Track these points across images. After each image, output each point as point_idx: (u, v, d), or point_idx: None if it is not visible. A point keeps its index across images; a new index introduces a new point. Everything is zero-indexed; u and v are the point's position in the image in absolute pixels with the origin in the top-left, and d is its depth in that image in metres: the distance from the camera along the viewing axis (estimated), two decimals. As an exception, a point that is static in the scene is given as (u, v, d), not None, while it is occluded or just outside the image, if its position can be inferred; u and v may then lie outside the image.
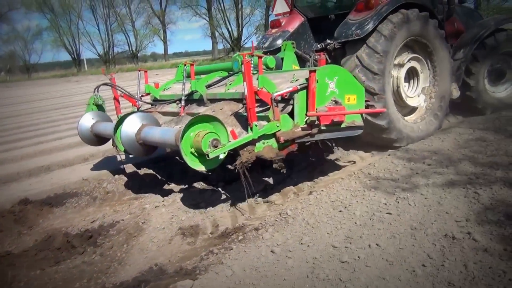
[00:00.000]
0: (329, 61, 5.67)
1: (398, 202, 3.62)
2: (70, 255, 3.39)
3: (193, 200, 4.30)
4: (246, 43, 48.20)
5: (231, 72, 4.95)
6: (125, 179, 5.27)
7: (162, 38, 56.82)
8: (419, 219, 3.28)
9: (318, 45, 6.13)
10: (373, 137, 5.48)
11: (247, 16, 49.16)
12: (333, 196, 3.93)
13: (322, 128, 4.03)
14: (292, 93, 3.89)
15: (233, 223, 3.78)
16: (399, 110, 5.75)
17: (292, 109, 3.93)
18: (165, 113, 5.04)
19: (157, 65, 46.62)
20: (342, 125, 4.19)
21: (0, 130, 10.58)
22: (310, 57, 5.94)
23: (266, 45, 6.61)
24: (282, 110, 3.97)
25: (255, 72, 4.09)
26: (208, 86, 4.94)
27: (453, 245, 2.85)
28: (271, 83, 3.94)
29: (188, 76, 5.11)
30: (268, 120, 3.84)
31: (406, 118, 5.94)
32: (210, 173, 5.07)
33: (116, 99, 5.50)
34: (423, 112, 6.13)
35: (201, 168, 3.62)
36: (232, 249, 3.12)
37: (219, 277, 2.73)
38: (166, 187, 5.02)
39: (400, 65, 5.70)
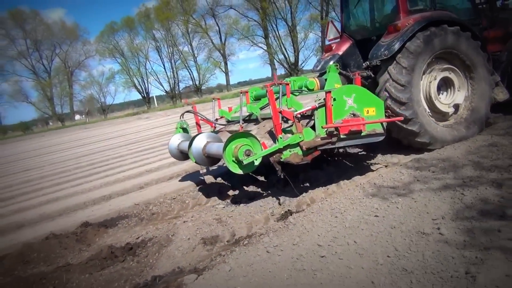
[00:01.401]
0: (369, 80, 6.50)
1: (388, 206, 4.06)
2: (113, 263, 4.19)
3: (217, 215, 4.98)
4: (303, 66, 49.14)
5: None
6: (168, 202, 6.09)
7: (224, 70, 59.40)
8: (400, 219, 3.71)
9: (364, 65, 6.77)
10: (409, 141, 6.14)
11: (302, 41, 50.22)
12: (334, 205, 4.43)
13: (342, 137, 4.88)
14: (313, 110, 4.84)
15: (248, 232, 4.39)
16: (434, 116, 6.28)
17: (314, 123, 4.86)
18: (231, 132, 5.99)
19: (220, 95, 48.63)
20: (363, 134, 5.00)
21: (75, 167, 12.00)
22: (352, 75, 6.57)
23: (318, 68, 7.49)
24: (306, 124, 4.94)
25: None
26: (262, 108, 5.90)
27: (420, 239, 3.28)
28: (298, 104, 5.03)
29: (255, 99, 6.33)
30: (293, 133, 4.77)
31: (443, 123, 6.39)
32: (237, 192, 5.79)
33: (197, 123, 6.84)
34: (461, 117, 6.47)
35: (239, 171, 4.62)
36: (235, 251, 3.74)
37: (219, 272, 3.36)
38: (198, 208, 5.71)
39: (432, 76, 6.20)
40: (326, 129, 4.80)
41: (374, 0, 7.54)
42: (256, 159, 4.56)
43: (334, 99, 4.81)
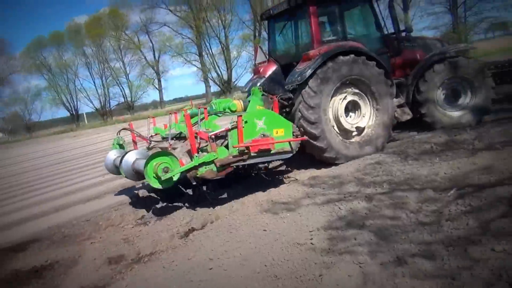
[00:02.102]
0: (290, 101, 7.22)
1: (277, 221, 4.58)
2: (18, 286, 4.34)
3: (125, 235, 5.26)
4: (236, 83, 50.08)
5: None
6: (82, 224, 6.25)
7: (157, 87, 58.84)
8: (284, 232, 4.23)
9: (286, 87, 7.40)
10: (319, 156, 6.83)
11: (234, 59, 51.19)
12: (232, 221, 4.89)
13: (253, 154, 5.52)
14: (227, 132, 5.51)
15: (152, 250, 4.71)
16: (342, 134, 7.05)
17: (228, 143, 5.48)
18: (162, 148, 6.23)
19: (153, 112, 48.19)
20: (272, 152, 5.67)
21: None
22: (271, 98, 7.12)
23: (246, 89, 8.13)
24: (221, 144, 5.59)
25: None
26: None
27: (295, 249, 3.80)
28: (215, 125, 5.82)
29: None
30: (208, 152, 5.34)
31: (350, 140, 7.16)
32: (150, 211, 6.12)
33: (133, 140, 7.18)
34: (367, 135, 7.25)
35: (159, 186, 5.13)
36: (135, 268, 4.08)
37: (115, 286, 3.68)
38: (110, 229, 5.93)
39: (340, 99, 6.97)
40: (237, 148, 5.41)
41: (294, 29, 8.33)
42: (174, 175, 5.11)
43: (246, 122, 5.48)
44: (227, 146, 5.53)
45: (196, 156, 5.25)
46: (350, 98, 7.07)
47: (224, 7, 49.53)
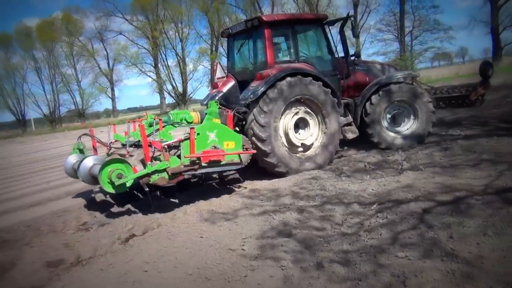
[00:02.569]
0: (245, 115, 7.52)
1: (214, 229, 4.86)
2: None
3: (66, 241, 5.35)
4: (191, 96, 50.17)
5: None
6: (23, 229, 6.24)
7: (110, 96, 57.79)
8: (219, 239, 4.51)
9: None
10: (270, 170, 7.32)
11: (190, 73, 51.29)
12: (172, 229, 5.11)
13: (203, 165, 5.86)
14: (180, 142, 5.88)
15: (91, 255, 4.84)
16: (292, 149, 7.56)
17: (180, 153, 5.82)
18: (121, 155, 6.46)
19: (105, 122, 47.23)
20: (222, 163, 6.05)
21: None
22: (226, 112, 7.50)
23: (205, 102, 8.47)
24: (175, 153, 5.93)
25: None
26: (148, 135, 6.53)
27: (227, 254, 4.09)
28: (169, 136, 6.41)
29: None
30: (161, 160, 5.65)
31: (301, 154, 7.66)
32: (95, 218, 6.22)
33: (93, 146, 7.39)
34: (315, 150, 7.76)
35: (112, 191, 5.48)
36: (72, 270, 4.22)
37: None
38: (52, 234, 5.97)
39: (291, 116, 7.50)
40: (189, 158, 5.76)
41: (250, 49, 8.80)
42: (127, 181, 5.45)
43: (198, 134, 5.85)
44: (179, 156, 5.85)
45: (149, 164, 5.57)
46: (299, 115, 7.59)
47: (182, 20, 49.72)
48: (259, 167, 7.40)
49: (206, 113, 7.28)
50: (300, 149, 7.71)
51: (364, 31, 47.68)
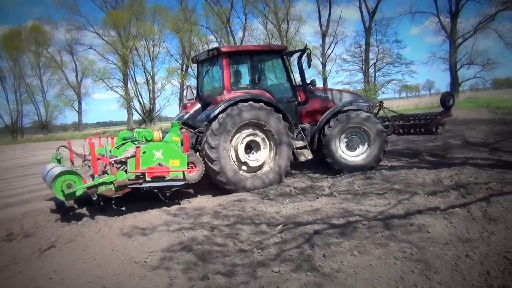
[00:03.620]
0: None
1: (127, 243, 5.25)
2: None
3: None
4: (158, 114, 50.26)
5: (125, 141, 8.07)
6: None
7: (77, 109, 57.17)
8: (128, 252, 4.89)
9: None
10: (221, 187, 7.92)
11: (158, 91, 51.51)
12: (89, 242, 5.46)
13: (148, 179, 6.60)
14: (127, 158, 6.61)
15: (8, 263, 5.11)
16: (242, 168, 8.19)
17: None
18: (89, 166, 7.31)
19: (68, 135, 46.65)
20: (166, 178, 6.77)
21: None
22: (183, 132, 8.21)
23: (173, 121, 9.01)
24: (123, 168, 6.69)
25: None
26: (118, 147, 7.72)
27: (129, 265, 4.48)
28: (120, 151, 7.18)
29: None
30: (108, 174, 6.42)
31: (252, 174, 8.26)
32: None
33: (71, 158, 8.06)
34: (265, 171, 8.37)
35: (62, 198, 6.26)
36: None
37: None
38: None
39: (242, 138, 8.12)
40: (133, 173, 6.50)
41: (213, 75, 9.57)
42: (76, 191, 6.17)
43: (144, 152, 6.60)
44: (127, 171, 6.56)
45: (97, 177, 6.32)
46: (250, 138, 8.22)
47: (153, 39, 50.16)
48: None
49: (167, 132, 8.03)
50: (251, 168, 8.29)
51: (331, 61, 49.21)
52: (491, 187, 6.20)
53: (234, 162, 8.10)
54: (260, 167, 8.40)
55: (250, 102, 8.04)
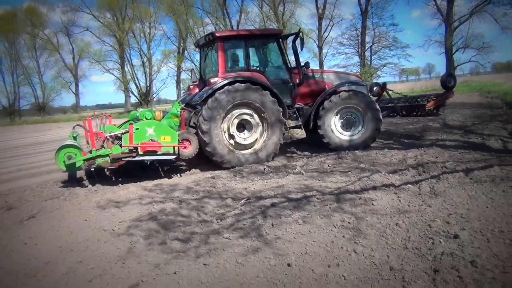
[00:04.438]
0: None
1: (100, 214, 5.67)
2: None
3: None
4: (154, 97, 50.47)
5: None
6: None
7: (74, 91, 57.35)
8: (99, 222, 5.33)
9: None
10: (211, 159, 8.57)
11: (154, 73, 51.59)
12: (66, 213, 5.91)
13: (141, 153, 7.48)
14: (122, 134, 7.57)
15: None
16: (234, 145, 8.76)
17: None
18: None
19: (65, 117, 47.02)
20: (158, 153, 7.61)
21: None
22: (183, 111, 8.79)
23: (179, 101, 9.70)
24: (118, 143, 7.60)
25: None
26: (119, 126, 8.70)
27: (98, 232, 4.91)
28: (116, 128, 8.20)
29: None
30: (105, 148, 7.38)
31: (244, 150, 8.81)
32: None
33: (86, 136, 8.55)
34: (256, 148, 8.89)
35: (64, 169, 7.30)
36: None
37: None
38: None
39: (234, 117, 8.70)
40: (127, 147, 7.38)
41: (210, 59, 10.04)
42: (76, 162, 7.23)
43: (137, 128, 7.52)
44: (121, 145, 7.44)
45: (94, 150, 7.32)
46: (243, 117, 8.77)
47: (149, 21, 50.07)
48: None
49: (167, 112, 8.74)
50: (240, 145, 8.79)
51: (327, 44, 49.23)
52: (446, 165, 6.60)
53: (226, 138, 8.67)
54: (251, 145, 8.89)
55: (237, 84, 8.48)
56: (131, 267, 3.87)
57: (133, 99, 54.04)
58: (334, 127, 9.61)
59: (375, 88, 10.62)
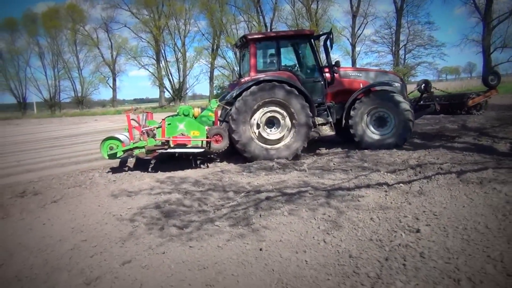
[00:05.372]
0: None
1: (112, 201, 6.27)
2: None
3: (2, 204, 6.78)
4: (187, 92, 51.65)
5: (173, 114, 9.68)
6: None
7: (112, 86, 59.36)
8: (110, 208, 5.92)
9: None
10: (241, 154, 9.21)
11: (188, 69, 52.70)
12: (83, 200, 6.55)
13: (173, 146, 8.39)
14: (156, 129, 8.57)
15: (16, 214, 6.25)
16: (261, 140, 9.25)
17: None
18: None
19: (102, 111, 48.82)
20: (188, 146, 8.49)
21: None
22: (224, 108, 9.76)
23: (219, 99, 10.39)
24: (153, 136, 8.56)
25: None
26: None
27: (108, 217, 5.49)
28: (155, 122, 8.99)
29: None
30: (142, 140, 8.42)
31: (270, 146, 9.29)
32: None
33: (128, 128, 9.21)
34: (283, 144, 9.36)
35: (106, 158, 8.39)
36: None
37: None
38: None
39: (263, 114, 9.23)
40: (160, 140, 8.39)
41: (246, 59, 10.52)
42: (117, 152, 8.32)
43: (169, 124, 8.50)
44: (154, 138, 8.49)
45: (132, 142, 8.43)
46: (271, 114, 9.30)
47: (184, 18, 51.17)
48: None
49: (205, 109, 9.63)
50: (269, 141, 9.29)
51: (360, 42, 48.89)
52: (442, 167, 6.83)
53: (254, 134, 9.22)
54: (278, 141, 9.36)
55: (265, 83, 9.04)
56: (128, 247, 4.41)
57: (167, 94, 55.44)
58: (366, 126, 9.84)
59: (423, 86, 10.79)
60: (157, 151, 8.44)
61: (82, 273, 3.84)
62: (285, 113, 9.28)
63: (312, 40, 10.24)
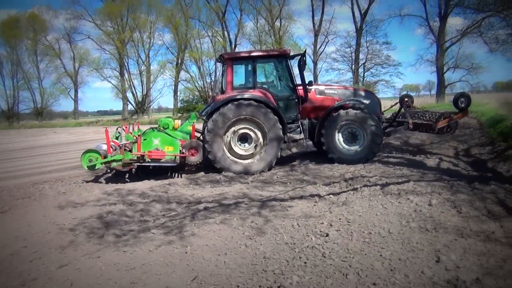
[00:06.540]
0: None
1: (60, 212, 6.55)
2: None
3: None
4: (151, 106, 51.54)
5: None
6: None
7: (73, 97, 58.49)
8: (56, 218, 6.20)
9: None
10: (213, 166, 9.61)
11: (151, 83, 52.71)
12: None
13: (148, 160, 9.09)
14: (133, 143, 9.26)
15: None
16: (234, 155, 9.70)
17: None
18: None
19: (62, 123, 48.03)
20: (162, 160, 9.24)
21: None
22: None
23: (200, 111, 11.02)
24: (129, 150, 9.19)
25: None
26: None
27: (50, 226, 5.79)
28: (131, 137, 9.83)
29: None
30: (119, 153, 8.96)
31: (243, 160, 9.73)
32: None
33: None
34: (255, 159, 9.78)
35: (87, 169, 9.05)
36: None
37: None
38: None
39: (236, 130, 9.68)
40: (135, 154, 8.96)
41: (223, 78, 10.94)
42: (96, 164, 8.91)
43: (145, 139, 9.24)
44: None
45: (109, 155, 8.91)
46: (243, 131, 9.75)
47: (148, 32, 51.33)
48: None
49: (185, 121, 10.28)
50: (240, 156, 9.74)
51: (321, 60, 50.39)
52: (370, 180, 7.50)
53: (226, 148, 9.67)
54: (249, 156, 9.79)
55: (240, 101, 9.49)
56: (67, 253, 4.76)
57: (130, 107, 55.11)
58: (338, 142, 10.24)
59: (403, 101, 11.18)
60: (133, 164, 9.04)
61: (20, 276, 4.16)
62: (256, 130, 9.74)
63: (287, 59, 10.70)
